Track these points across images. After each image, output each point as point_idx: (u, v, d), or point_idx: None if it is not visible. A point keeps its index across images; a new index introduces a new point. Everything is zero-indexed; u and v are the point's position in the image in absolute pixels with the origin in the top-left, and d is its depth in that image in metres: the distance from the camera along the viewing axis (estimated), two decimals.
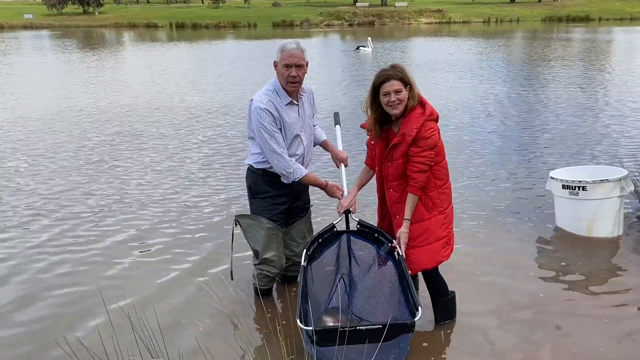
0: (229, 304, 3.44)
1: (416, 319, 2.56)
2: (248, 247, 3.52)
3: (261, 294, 3.52)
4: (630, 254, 4.12)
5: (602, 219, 4.32)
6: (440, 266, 3.14)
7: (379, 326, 2.48)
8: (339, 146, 3.58)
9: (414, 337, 2.67)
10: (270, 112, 3.14)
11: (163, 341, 2.72)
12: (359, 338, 2.47)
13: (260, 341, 3.15)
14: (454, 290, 3.25)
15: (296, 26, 47.20)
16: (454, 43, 25.81)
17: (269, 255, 3.37)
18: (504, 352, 3.00)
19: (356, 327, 2.50)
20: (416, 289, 3.24)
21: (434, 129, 2.92)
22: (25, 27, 47.72)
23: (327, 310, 3.13)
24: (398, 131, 2.95)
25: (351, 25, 47.30)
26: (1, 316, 3.47)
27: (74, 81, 14.72)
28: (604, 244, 4.31)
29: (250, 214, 3.43)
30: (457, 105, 10.20)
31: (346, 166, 3.51)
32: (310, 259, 3.11)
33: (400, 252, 2.97)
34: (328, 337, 2.50)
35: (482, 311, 3.40)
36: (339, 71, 16.26)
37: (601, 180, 4.21)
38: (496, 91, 11.71)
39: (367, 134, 3.16)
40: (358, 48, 22.34)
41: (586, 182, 4.24)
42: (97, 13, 57.50)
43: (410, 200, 2.95)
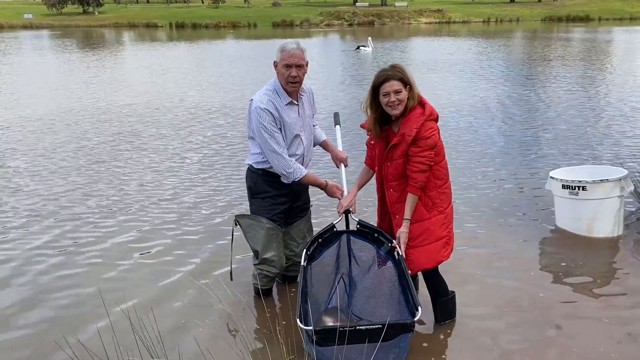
0: (229, 305, 3.44)
1: (416, 318, 2.56)
2: (248, 248, 3.52)
3: (261, 294, 3.53)
4: (630, 254, 4.12)
5: (602, 218, 4.32)
6: (440, 266, 3.15)
7: (379, 326, 2.48)
8: (339, 146, 3.58)
9: (414, 337, 2.67)
10: (270, 112, 3.14)
11: (163, 343, 2.72)
12: (358, 338, 2.47)
13: (260, 341, 3.15)
14: (453, 290, 3.25)
15: (296, 26, 47.20)
16: (454, 43, 25.80)
17: (269, 255, 3.37)
18: (504, 351, 3.00)
19: (356, 327, 2.49)
20: (416, 289, 3.25)
21: (434, 128, 2.92)
22: (25, 27, 47.75)
23: (327, 310, 3.13)
24: (398, 131, 2.95)
25: (351, 25, 47.31)
26: (2, 319, 3.47)
27: (73, 81, 14.72)
28: (604, 243, 4.31)
29: (250, 214, 3.43)
30: (457, 105, 10.19)
31: (346, 166, 3.51)
32: (310, 259, 3.11)
33: (400, 252, 2.97)
34: (328, 337, 2.50)
35: (482, 311, 3.40)
36: (339, 71, 16.25)
37: (601, 180, 4.21)
38: (496, 91, 11.71)
39: (367, 133, 3.16)
40: (358, 48, 22.34)
41: (586, 182, 4.24)
42: (97, 13, 57.55)
43: (410, 200, 2.95)
